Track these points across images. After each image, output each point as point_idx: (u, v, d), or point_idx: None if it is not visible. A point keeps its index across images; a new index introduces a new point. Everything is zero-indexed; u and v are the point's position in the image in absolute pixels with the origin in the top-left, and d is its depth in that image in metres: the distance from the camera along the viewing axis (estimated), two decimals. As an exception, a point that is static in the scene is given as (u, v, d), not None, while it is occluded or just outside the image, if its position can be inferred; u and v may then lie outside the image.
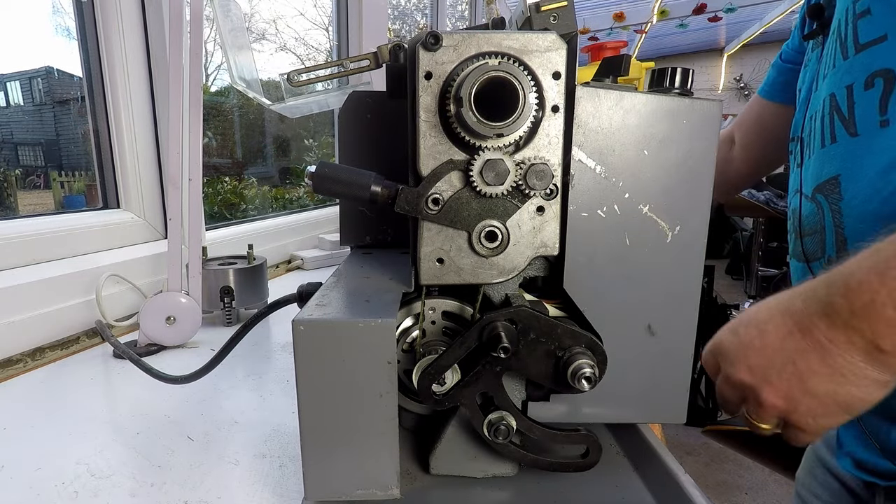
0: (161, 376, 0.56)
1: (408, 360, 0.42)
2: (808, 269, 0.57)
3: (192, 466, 0.47)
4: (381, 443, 0.35)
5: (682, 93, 0.37)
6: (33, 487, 0.44)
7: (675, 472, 0.40)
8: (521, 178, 0.35)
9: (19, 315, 0.70)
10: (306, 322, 0.33)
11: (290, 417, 0.55)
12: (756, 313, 0.42)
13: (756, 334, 0.41)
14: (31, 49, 1.02)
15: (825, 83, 0.55)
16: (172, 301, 0.74)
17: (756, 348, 0.41)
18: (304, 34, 2.23)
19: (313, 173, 0.37)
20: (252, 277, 0.87)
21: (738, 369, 0.41)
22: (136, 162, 0.94)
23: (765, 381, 0.40)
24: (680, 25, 5.04)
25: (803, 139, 0.59)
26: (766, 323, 0.41)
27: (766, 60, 6.58)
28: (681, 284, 0.38)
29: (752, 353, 0.41)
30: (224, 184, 1.77)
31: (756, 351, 0.41)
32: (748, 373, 0.41)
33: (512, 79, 0.32)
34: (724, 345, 0.43)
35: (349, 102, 0.54)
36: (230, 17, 0.76)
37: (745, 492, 2.04)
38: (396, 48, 0.45)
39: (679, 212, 0.37)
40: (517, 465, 0.42)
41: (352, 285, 0.41)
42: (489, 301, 0.41)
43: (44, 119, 1.15)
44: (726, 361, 0.42)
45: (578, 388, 0.35)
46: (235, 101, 1.86)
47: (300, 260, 1.29)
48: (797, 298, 0.40)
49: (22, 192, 1.14)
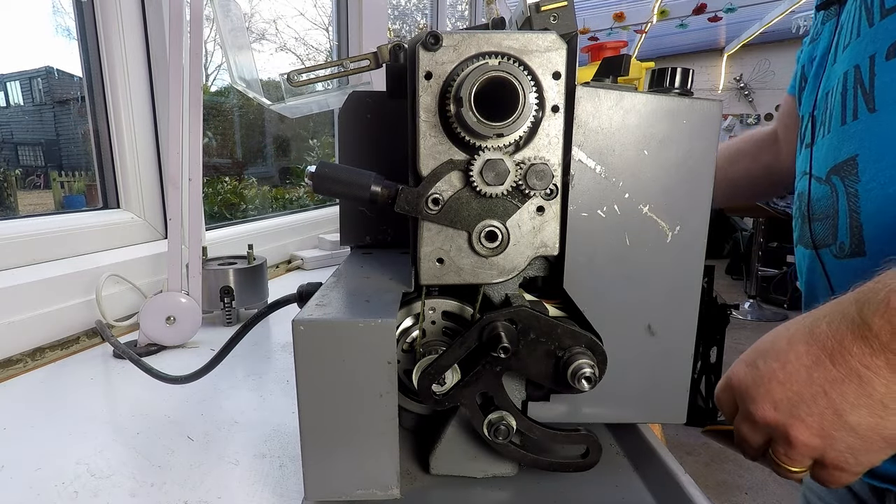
0: (161, 376, 0.56)
1: (408, 360, 0.42)
2: (816, 256, 0.53)
3: (192, 466, 0.47)
4: (381, 443, 0.35)
5: (682, 93, 0.37)
6: (33, 487, 0.44)
7: (675, 472, 0.40)
8: (521, 178, 0.35)
9: (19, 315, 0.70)
10: (306, 322, 0.33)
11: (290, 417, 0.55)
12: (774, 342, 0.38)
13: (778, 366, 0.37)
14: (31, 49, 1.02)
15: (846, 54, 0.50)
16: (172, 301, 0.74)
17: (780, 381, 0.36)
18: (304, 34, 2.23)
19: (313, 173, 0.37)
20: (252, 277, 0.87)
21: (761, 407, 0.37)
22: (136, 162, 0.94)
23: (794, 418, 0.36)
24: (680, 25, 5.04)
25: (815, 117, 0.55)
26: (787, 352, 0.37)
27: (766, 60, 6.58)
28: (681, 284, 0.38)
29: (775, 386, 0.37)
30: (224, 184, 1.77)
31: (780, 384, 0.36)
32: (773, 410, 0.37)
33: (512, 79, 0.32)
34: (741, 380, 0.39)
35: (349, 102, 0.54)
36: (230, 17, 0.76)
37: (745, 492, 2.04)
38: (396, 48, 0.45)
39: (679, 212, 0.37)
40: (517, 465, 0.42)
41: (352, 285, 0.41)
42: (489, 301, 0.41)
43: (44, 119, 1.14)
44: (746, 398, 0.39)
45: (578, 388, 0.35)
46: (235, 101, 1.86)
47: (300, 260, 1.29)
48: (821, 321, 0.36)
49: (22, 192, 1.14)
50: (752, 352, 0.40)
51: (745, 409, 0.39)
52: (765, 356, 0.38)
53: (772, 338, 0.39)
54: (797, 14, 4.89)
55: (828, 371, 0.35)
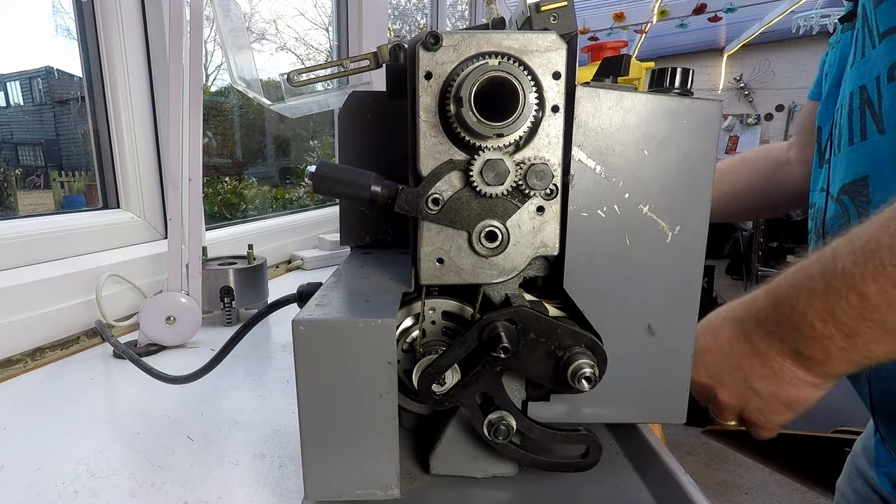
0: (161, 376, 0.56)
1: (408, 360, 0.42)
2: None
3: (192, 466, 0.47)
4: (381, 443, 0.35)
5: (682, 93, 0.37)
6: (33, 487, 0.44)
7: (675, 472, 0.40)
8: (521, 178, 0.35)
9: (19, 315, 0.70)
10: (306, 322, 0.33)
11: (290, 417, 0.55)
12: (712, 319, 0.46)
13: (711, 339, 0.45)
14: (31, 49, 1.02)
15: (852, 72, 0.50)
16: (172, 301, 0.74)
17: (711, 352, 0.44)
18: (304, 34, 2.23)
19: (313, 173, 0.37)
20: (252, 277, 0.87)
21: (698, 372, 0.45)
22: (136, 162, 0.94)
23: (719, 382, 0.44)
24: (680, 25, 5.04)
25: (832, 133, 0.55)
26: (718, 329, 0.45)
27: (766, 60, 6.59)
28: (681, 284, 0.38)
29: (708, 356, 0.45)
30: (224, 184, 1.77)
31: (711, 355, 0.44)
32: (706, 375, 0.45)
33: (512, 79, 0.32)
34: None
35: (349, 102, 0.54)
36: (230, 17, 0.76)
37: (745, 492, 2.04)
38: (396, 48, 0.45)
39: (679, 212, 0.37)
40: (517, 465, 0.42)
41: (352, 285, 0.41)
42: (489, 301, 0.41)
43: (44, 119, 1.15)
44: None
45: (578, 388, 0.35)
46: (235, 101, 1.86)
47: (300, 260, 1.29)
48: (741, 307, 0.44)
49: (22, 192, 1.14)
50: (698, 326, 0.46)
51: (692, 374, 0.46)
52: (703, 331, 0.46)
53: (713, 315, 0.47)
54: (797, 14, 4.89)
55: (742, 346, 0.43)
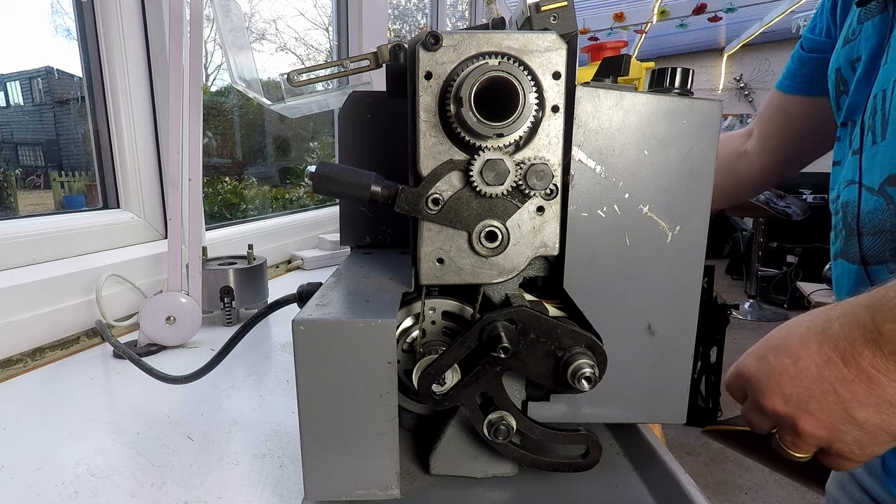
0: (161, 376, 0.56)
1: (408, 360, 0.42)
2: (864, 273, 0.51)
3: (192, 466, 0.47)
4: (381, 443, 0.35)
5: (682, 93, 0.37)
6: (33, 487, 0.44)
7: (675, 472, 0.40)
8: (521, 178, 0.35)
9: (19, 315, 0.70)
10: (306, 322, 0.33)
11: (290, 417, 0.55)
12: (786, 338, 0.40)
13: (790, 362, 0.39)
14: (31, 49, 1.02)
15: None
16: (172, 301, 0.74)
17: (791, 376, 0.38)
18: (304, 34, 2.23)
19: (313, 173, 0.37)
20: (252, 277, 0.87)
21: (771, 399, 0.39)
22: (136, 162, 0.94)
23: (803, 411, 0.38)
24: (680, 25, 5.04)
25: (864, 122, 0.52)
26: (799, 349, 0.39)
27: (766, 60, 6.58)
28: (681, 284, 0.38)
29: (786, 381, 0.39)
30: (224, 184, 1.77)
31: (791, 379, 0.38)
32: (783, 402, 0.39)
33: (512, 79, 0.32)
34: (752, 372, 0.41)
35: (349, 102, 0.54)
36: (230, 17, 0.76)
37: (745, 492, 2.04)
38: (396, 48, 0.45)
39: (679, 212, 0.37)
40: (517, 465, 0.42)
41: (352, 285, 0.41)
42: (489, 301, 0.41)
43: (44, 119, 1.14)
44: (756, 390, 0.41)
45: (578, 388, 0.35)
46: (235, 101, 1.86)
47: (300, 260, 1.29)
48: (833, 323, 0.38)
49: (22, 192, 1.14)
50: (762, 345, 0.42)
51: (754, 398, 0.41)
52: (776, 351, 0.40)
53: (783, 334, 0.41)
54: (797, 14, 4.89)
55: (839, 370, 0.36)
